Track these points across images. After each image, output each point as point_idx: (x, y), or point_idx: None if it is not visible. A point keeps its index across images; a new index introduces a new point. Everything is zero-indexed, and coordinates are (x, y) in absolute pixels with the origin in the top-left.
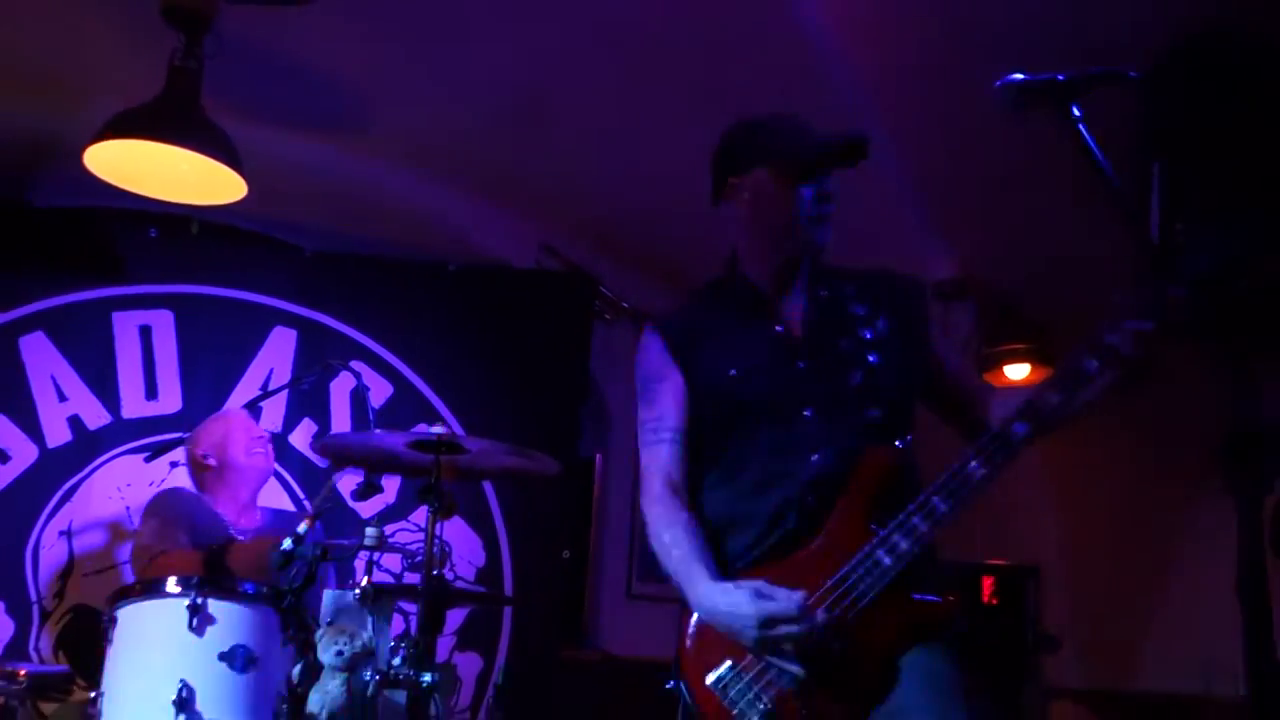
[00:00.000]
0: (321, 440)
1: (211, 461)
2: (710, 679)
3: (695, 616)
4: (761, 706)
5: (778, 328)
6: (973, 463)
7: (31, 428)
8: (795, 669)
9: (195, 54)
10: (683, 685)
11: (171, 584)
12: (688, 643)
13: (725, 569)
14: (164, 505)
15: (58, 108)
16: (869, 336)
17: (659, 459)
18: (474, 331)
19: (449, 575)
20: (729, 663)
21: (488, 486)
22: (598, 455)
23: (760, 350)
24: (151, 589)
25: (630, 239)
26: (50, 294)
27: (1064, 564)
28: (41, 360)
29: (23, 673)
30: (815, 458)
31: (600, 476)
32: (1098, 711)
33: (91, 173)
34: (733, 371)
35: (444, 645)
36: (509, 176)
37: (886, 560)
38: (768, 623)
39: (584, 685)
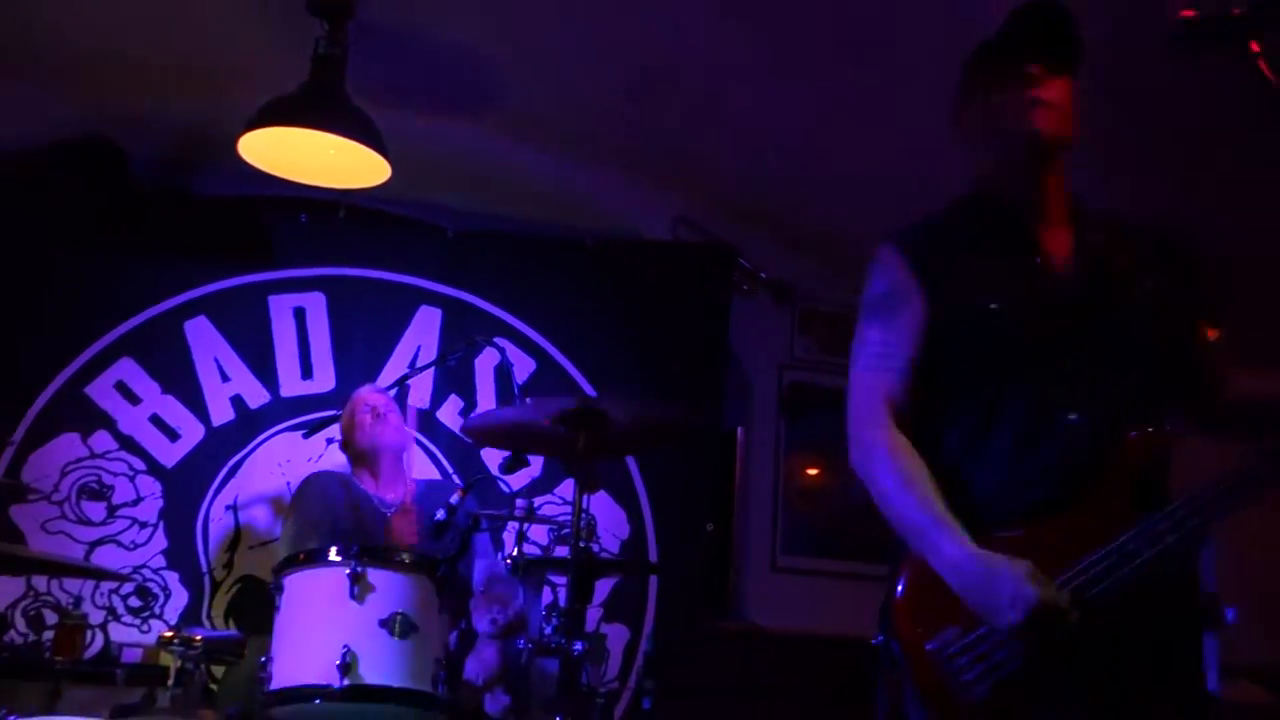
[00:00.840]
0: (469, 417)
1: (347, 439)
2: (933, 644)
3: (911, 571)
4: (991, 681)
5: (1038, 259)
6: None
7: (198, 407)
8: (1034, 653)
9: (339, 41)
10: (894, 645)
11: (333, 554)
12: (901, 598)
13: (971, 530)
14: (304, 499)
15: (213, 101)
16: (1143, 292)
17: (886, 386)
18: (614, 306)
19: (594, 548)
20: (957, 629)
21: (630, 460)
22: (739, 428)
23: (1020, 284)
24: (314, 558)
25: (768, 208)
26: (211, 279)
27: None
28: (205, 343)
29: (198, 638)
30: (1073, 417)
31: (742, 449)
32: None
33: (245, 162)
34: (994, 304)
35: (591, 616)
36: (644, 150)
37: (1147, 551)
38: (1035, 611)
39: (731, 657)
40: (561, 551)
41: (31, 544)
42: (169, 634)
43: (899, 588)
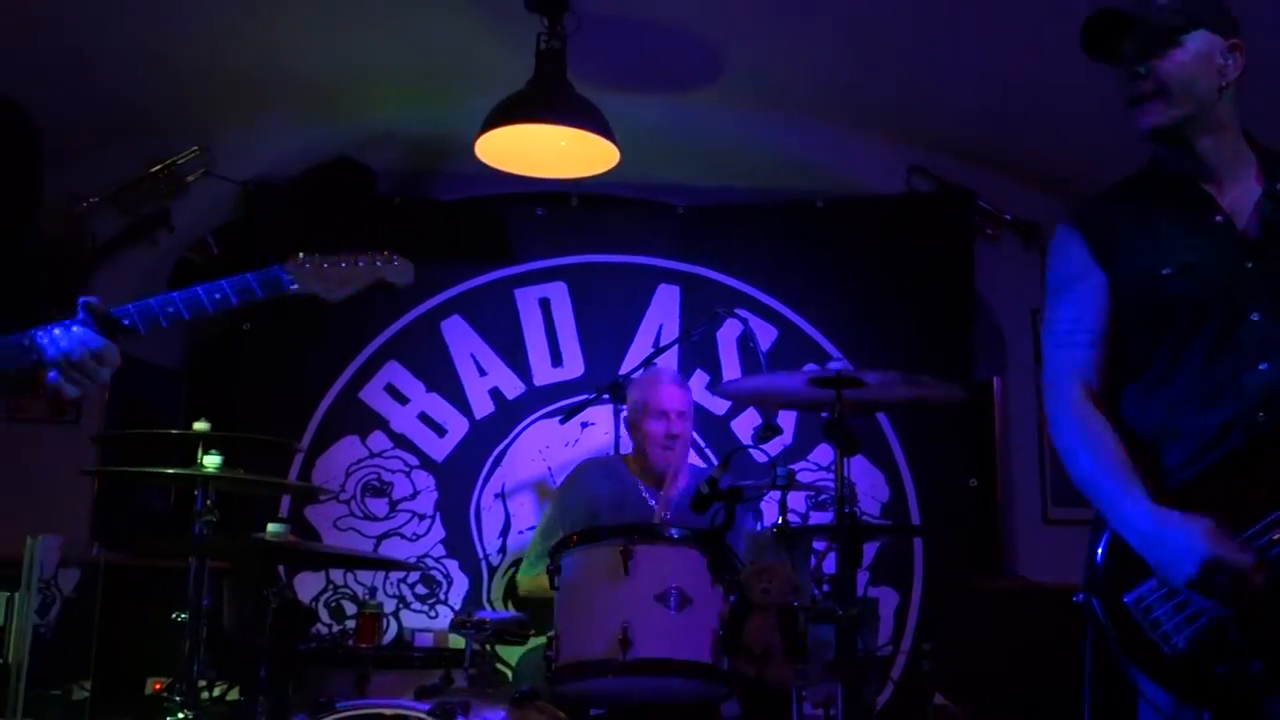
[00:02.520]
0: (719, 385)
1: (632, 425)
2: (1130, 596)
3: (1110, 531)
4: (1190, 631)
5: (1217, 218)
6: None
7: (460, 402)
8: (1225, 609)
9: (558, 34)
10: (1095, 601)
11: (604, 533)
12: (1100, 557)
13: (1153, 488)
14: (569, 487)
15: (445, 110)
16: None
17: (1074, 363)
18: (851, 264)
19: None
20: (1153, 581)
21: (883, 419)
22: (995, 378)
23: (1196, 245)
24: (588, 538)
25: (1004, 148)
26: (461, 279)
27: None
28: (461, 340)
29: (487, 621)
30: (1264, 366)
31: (1000, 399)
32: None
33: (481, 163)
34: (1166, 269)
35: (859, 581)
36: (866, 103)
37: None
38: (1210, 567)
39: (1006, 614)
40: (819, 517)
41: (326, 541)
42: (460, 618)
43: (1100, 546)
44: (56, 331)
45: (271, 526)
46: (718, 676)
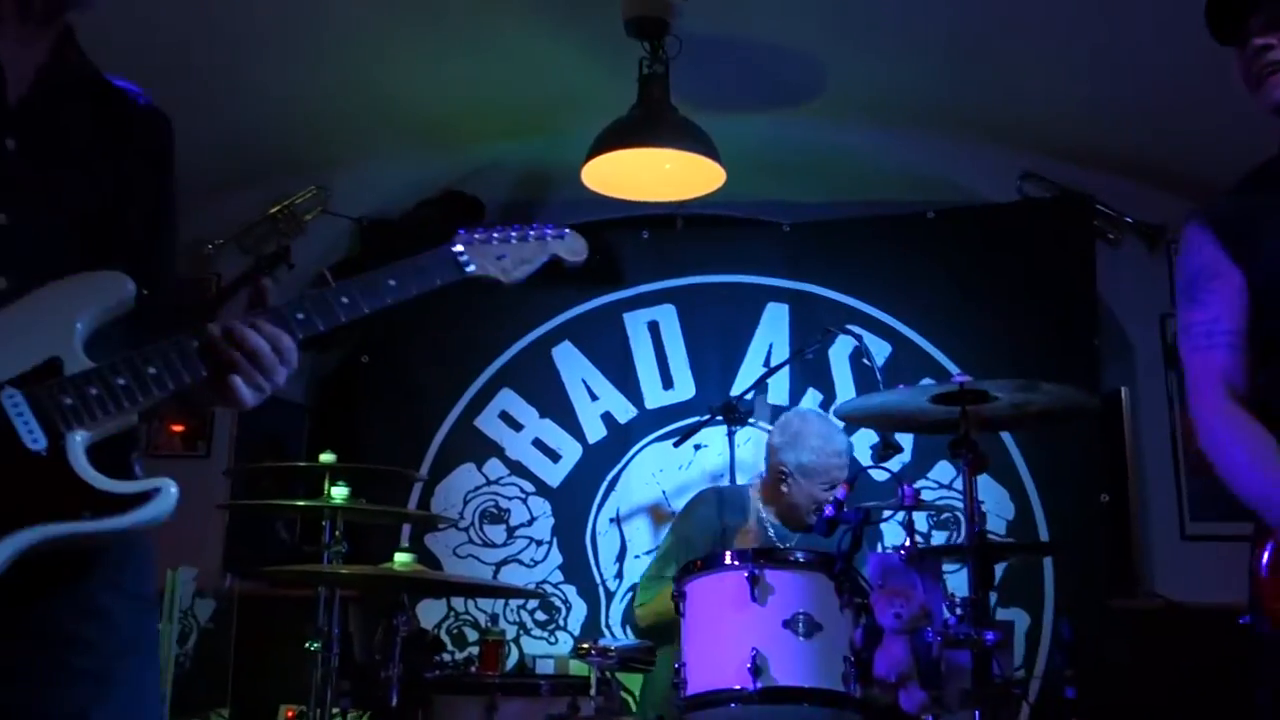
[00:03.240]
0: (837, 406)
1: (782, 470)
2: None
3: (1276, 543)
4: None
5: None
6: None
7: (573, 427)
8: None
9: (660, 58)
10: (1264, 623)
11: (728, 558)
12: (1264, 572)
13: None
14: (686, 516)
15: (549, 139)
16: None
17: (1214, 365)
18: (965, 276)
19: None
20: None
21: (1005, 435)
22: (1122, 388)
23: None
24: (711, 564)
25: (1120, 149)
26: (569, 305)
27: None
28: (572, 366)
29: (612, 649)
30: None
31: (1129, 409)
32: None
33: (585, 189)
34: None
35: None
36: (974, 111)
37: None
38: None
39: (1149, 637)
40: (940, 537)
41: (447, 569)
42: (584, 645)
43: (1263, 562)
44: None
45: (400, 556)
46: (850, 704)
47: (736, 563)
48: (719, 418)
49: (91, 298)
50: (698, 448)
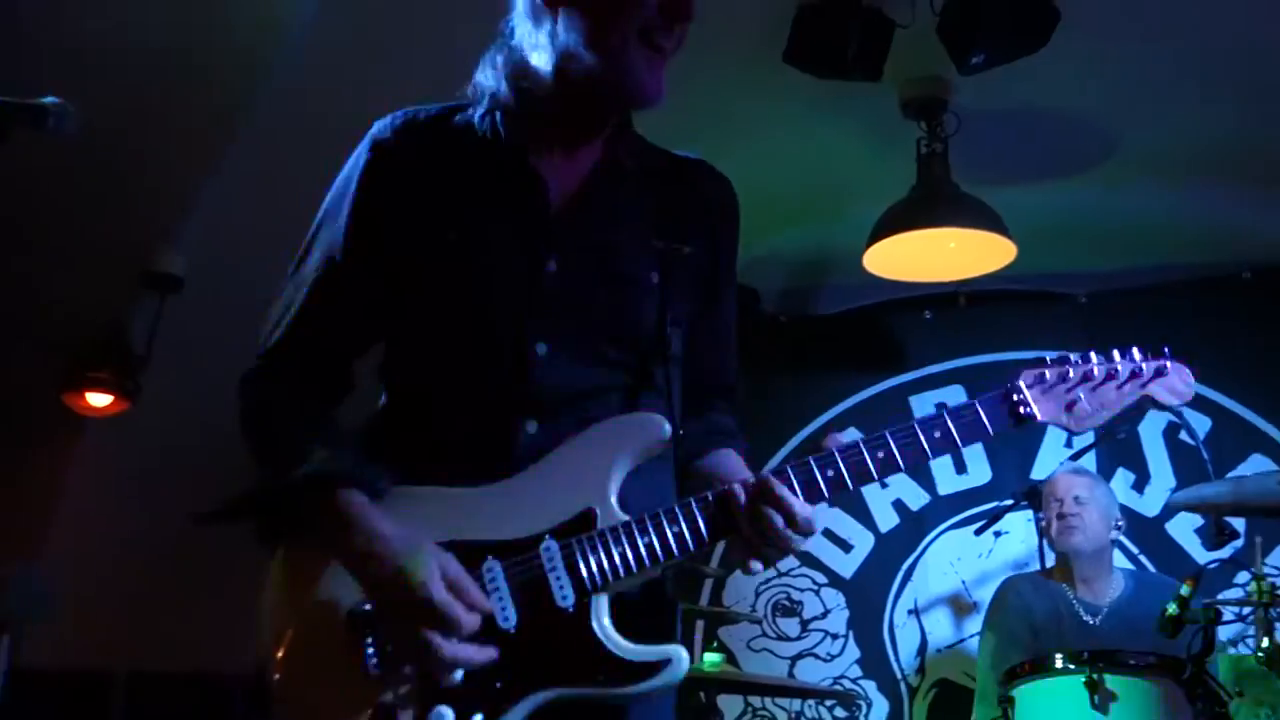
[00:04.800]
0: (1172, 498)
1: (1045, 533)
2: None
3: None
4: None
5: None
6: None
7: (864, 516)
8: None
9: (939, 136)
10: None
11: (1060, 660)
12: None
13: None
14: (1000, 609)
15: (826, 226)
16: None
17: None
18: None
19: None
20: None
21: None
22: None
23: None
24: (1041, 667)
25: None
26: (852, 392)
27: None
28: None
29: None
30: None
31: None
32: None
33: (862, 273)
34: None
35: None
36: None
37: None
38: None
39: None
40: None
41: (741, 662)
42: None
43: None
44: None
45: (709, 656)
46: None
47: (1072, 666)
48: (1023, 503)
49: (626, 445)
50: (998, 535)
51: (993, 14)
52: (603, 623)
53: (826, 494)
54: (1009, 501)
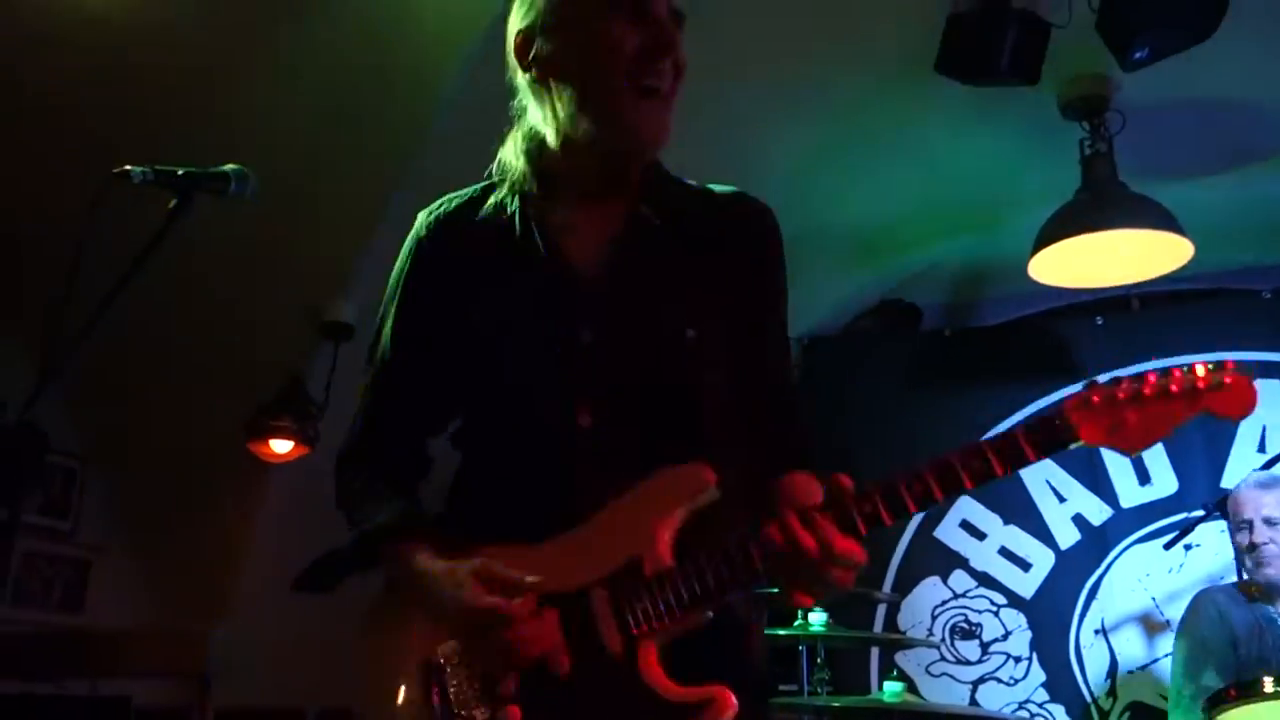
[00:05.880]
0: None
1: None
2: None
3: None
4: None
5: None
6: None
7: (1042, 533)
8: None
9: (1102, 135)
10: None
11: (1271, 685)
12: None
13: None
14: (1195, 620)
15: (986, 237)
16: None
17: None
18: None
19: None
20: None
21: None
22: None
23: None
24: (1248, 691)
25: None
26: (1023, 402)
27: None
28: (1034, 467)
29: None
30: None
31: None
32: None
33: (1026, 282)
34: None
35: None
36: None
37: None
38: None
39: None
40: None
41: (920, 688)
42: None
43: None
44: None
45: (889, 685)
46: None
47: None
48: (1216, 514)
49: (671, 497)
50: (1189, 548)
51: (1156, 5)
52: (649, 665)
53: (863, 529)
54: (1200, 513)
